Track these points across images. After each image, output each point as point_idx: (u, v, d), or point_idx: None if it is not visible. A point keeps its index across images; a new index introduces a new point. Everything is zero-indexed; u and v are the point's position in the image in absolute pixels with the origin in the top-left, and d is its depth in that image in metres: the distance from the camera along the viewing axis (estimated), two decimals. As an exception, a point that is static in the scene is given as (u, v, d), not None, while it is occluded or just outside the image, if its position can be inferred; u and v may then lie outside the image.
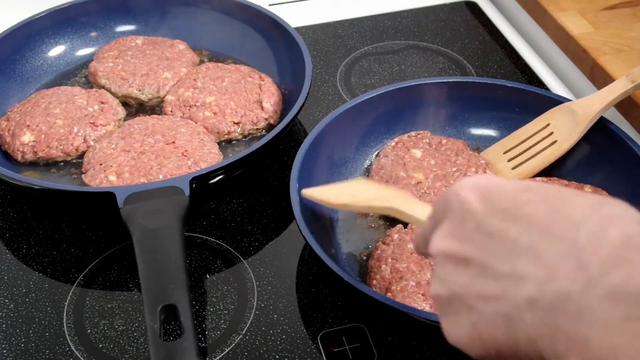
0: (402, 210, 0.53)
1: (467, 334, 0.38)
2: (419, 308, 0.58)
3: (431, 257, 0.41)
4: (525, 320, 0.34)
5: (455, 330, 0.39)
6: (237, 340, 0.61)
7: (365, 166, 0.76)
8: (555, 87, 0.90)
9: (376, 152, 0.77)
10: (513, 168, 0.75)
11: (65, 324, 0.62)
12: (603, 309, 0.30)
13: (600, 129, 0.73)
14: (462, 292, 0.38)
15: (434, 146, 0.75)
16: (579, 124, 0.72)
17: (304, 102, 0.75)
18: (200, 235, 0.71)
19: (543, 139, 0.74)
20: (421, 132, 0.78)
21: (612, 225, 0.32)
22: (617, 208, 0.34)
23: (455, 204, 0.39)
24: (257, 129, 0.80)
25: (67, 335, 0.61)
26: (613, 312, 0.30)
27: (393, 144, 0.76)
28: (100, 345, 0.60)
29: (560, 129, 0.74)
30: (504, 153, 0.76)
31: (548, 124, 0.74)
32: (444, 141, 0.76)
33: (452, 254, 0.38)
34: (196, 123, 0.79)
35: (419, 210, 0.52)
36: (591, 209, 0.34)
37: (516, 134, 0.76)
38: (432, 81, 0.78)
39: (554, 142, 0.74)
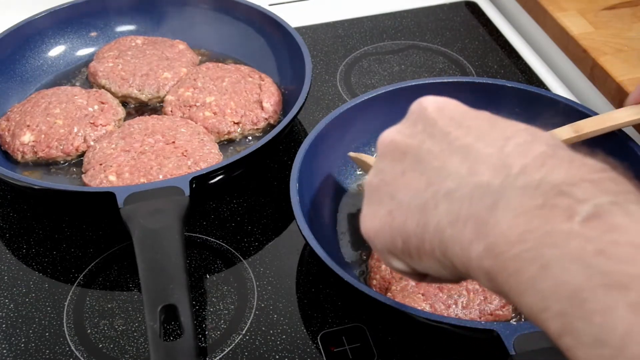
0: None
1: (380, 220, 0.39)
2: (419, 308, 0.58)
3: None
4: (438, 210, 0.35)
5: (371, 218, 0.40)
6: (237, 340, 0.61)
7: (365, 166, 0.76)
8: (555, 87, 0.90)
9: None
10: None
11: (65, 324, 0.62)
12: (519, 199, 0.31)
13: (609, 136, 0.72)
14: (391, 182, 0.39)
15: None
16: None
17: (304, 102, 0.75)
18: (200, 235, 0.71)
19: None
20: None
21: (539, 142, 0.34)
22: (548, 134, 0.35)
23: (415, 109, 0.42)
24: (257, 129, 0.80)
25: (67, 335, 0.61)
26: (529, 202, 0.30)
27: None
28: (100, 345, 0.60)
29: None
30: None
31: None
32: None
33: (393, 147, 0.41)
34: (196, 123, 0.79)
35: None
36: (525, 129, 0.36)
37: None
38: (432, 81, 0.78)
39: None
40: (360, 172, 0.75)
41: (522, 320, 0.60)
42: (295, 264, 0.68)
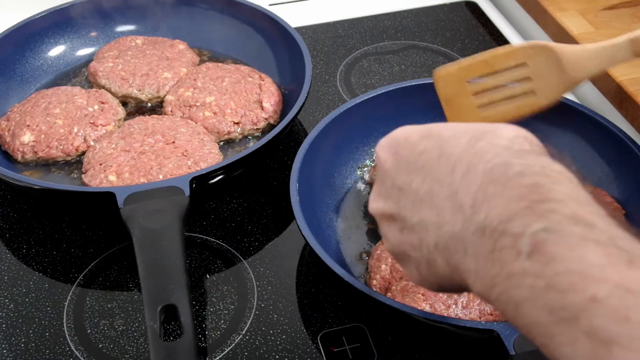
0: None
1: (417, 276, 0.42)
2: (419, 308, 0.58)
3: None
4: (438, 263, 0.38)
5: (411, 275, 0.43)
6: (237, 340, 0.61)
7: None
8: (555, 87, 0.90)
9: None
10: (480, 107, 0.61)
11: (65, 324, 0.62)
12: (476, 247, 0.34)
13: (600, 130, 0.72)
14: (398, 244, 0.42)
15: None
16: (563, 84, 0.59)
17: (304, 102, 0.75)
18: (200, 235, 0.71)
19: (518, 81, 0.60)
20: None
21: (480, 161, 0.35)
22: (488, 141, 0.36)
23: (378, 164, 0.43)
24: (257, 129, 0.80)
25: (67, 335, 0.61)
26: (482, 247, 0.33)
27: None
28: (100, 345, 0.60)
29: (541, 80, 0.60)
30: (467, 82, 0.62)
31: (525, 63, 0.60)
32: None
33: (381, 213, 0.43)
34: (196, 123, 0.79)
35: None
36: (467, 147, 0.37)
37: (483, 61, 0.61)
38: (432, 81, 0.78)
39: (531, 91, 0.60)
40: (360, 173, 0.75)
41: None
42: (295, 264, 0.68)
